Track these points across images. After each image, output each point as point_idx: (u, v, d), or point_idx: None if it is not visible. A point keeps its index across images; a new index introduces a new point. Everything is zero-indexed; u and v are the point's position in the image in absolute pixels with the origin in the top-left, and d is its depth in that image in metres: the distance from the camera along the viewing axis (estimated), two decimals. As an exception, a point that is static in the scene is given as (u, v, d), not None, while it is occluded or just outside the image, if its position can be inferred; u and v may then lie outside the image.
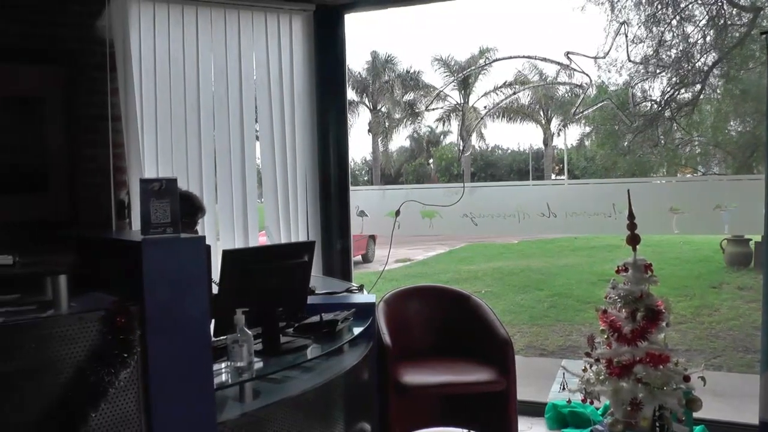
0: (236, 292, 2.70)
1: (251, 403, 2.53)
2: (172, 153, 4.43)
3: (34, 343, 1.99)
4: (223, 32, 4.56)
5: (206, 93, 4.54)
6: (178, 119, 4.44)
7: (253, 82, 4.71)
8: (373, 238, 14.48)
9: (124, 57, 4.25)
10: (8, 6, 4.10)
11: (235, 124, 4.61)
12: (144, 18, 4.37)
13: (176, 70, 4.44)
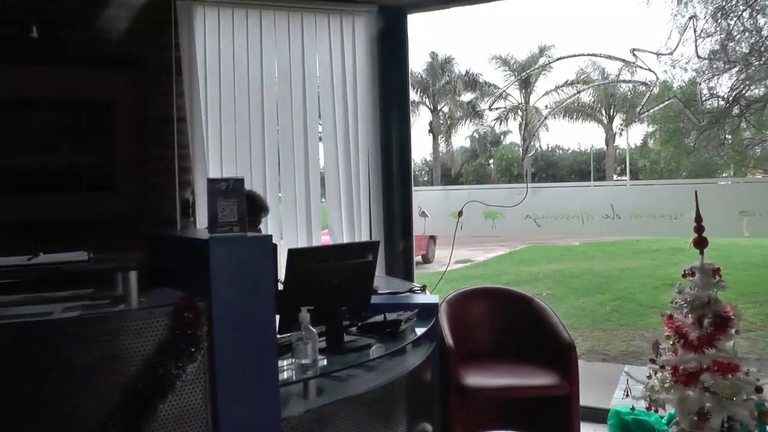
0: (301, 291, 2.72)
1: (315, 401, 2.56)
2: (236, 153, 4.51)
3: (107, 336, 2.05)
4: (287, 35, 4.62)
5: (270, 95, 4.61)
6: (242, 120, 4.52)
7: (317, 84, 4.76)
8: (433, 238, 14.44)
9: (190, 61, 4.37)
10: (82, 14, 4.28)
11: (298, 125, 4.66)
12: (209, 22, 4.48)
13: (241, 72, 4.52)
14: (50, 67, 4.24)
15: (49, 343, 2.02)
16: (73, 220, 4.23)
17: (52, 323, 2.05)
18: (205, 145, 4.41)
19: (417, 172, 32.66)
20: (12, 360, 2.00)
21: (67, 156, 4.28)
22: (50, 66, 4.24)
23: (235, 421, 2.21)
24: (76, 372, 2.02)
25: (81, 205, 4.27)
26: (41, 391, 2.01)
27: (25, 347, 2.02)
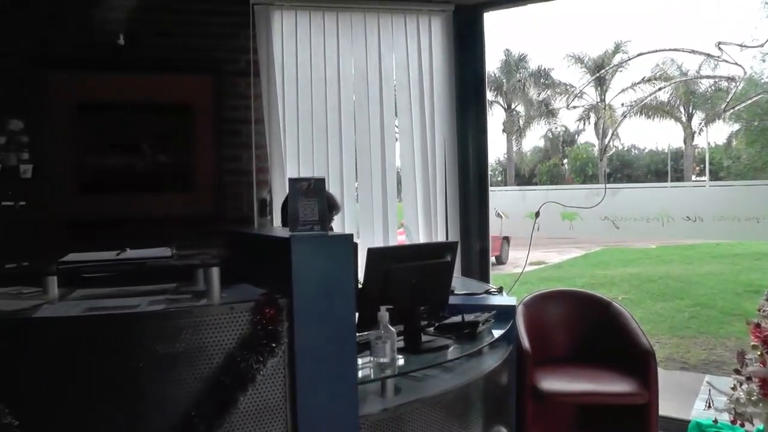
0: (379, 290, 2.73)
1: (392, 399, 2.56)
2: (313, 153, 4.57)
3: (190, 329, 2.12)
4: (363, 36, 4.66)
5: (347, 95, 4.66)
6: (319, 121, 4.58)
7: (393, 84, 4.77)
8: (507, 239, 14.28)
9: (268, 63, 4.47)
10: (162, 22, 4.44)
11: (375, 125, 4.68)
12: (286, 25, 4.56)
13: (317, 73, 4.59)
14: (134, 72, 4.46)
15: (135, 335, 2.11)
16: (156, 218, 4.40)
17: (138, 316, 2.14)
18: (283, 146, 4.49)
19: (491, 172, 32.27)
20: (101, 350, 2.10)
21: (150, 157, 4.47)
22: (134, 72, 4.46)
23: (313, 416, 2.23)
24: (161, 363, 2.10)
25: (163, 204, 4.45)
26: (128, 380, 2.09)
27: (113, 338, 2.11)
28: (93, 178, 4.47)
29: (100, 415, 2.09)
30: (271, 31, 4.49)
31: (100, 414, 2.09)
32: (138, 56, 4.43)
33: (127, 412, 2.10)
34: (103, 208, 4.43)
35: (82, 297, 2.58)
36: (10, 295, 2.63)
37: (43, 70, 4.38)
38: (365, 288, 2.72)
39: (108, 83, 4.45)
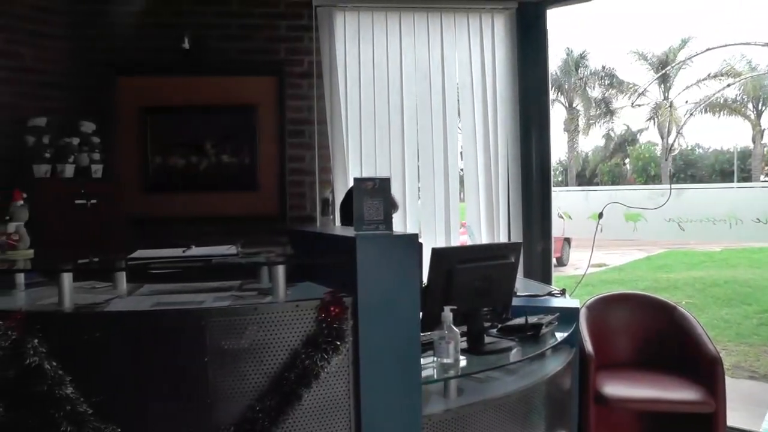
0: (443, 290, 2.72)
1: (455, 400, 2.54)
2: (375, 153, 4.61)
3: (255, 325, 2.16)
4: (426, 35, 4.67)
5: (409, 95, 4.69)
6: (381, 121, 4.62)
7: (456, 83, 4.77)
8: (567, 240, 14.05)
9: (330, 64, 4.52)
10: (227, 25, 4.57)
11: (437, 125, 4.69)
12: (349, 26, 4.61)
13: (380, 74, 4.63)
14: (199, 75, 4.60)
15: (201, 330, 2.14)
16: (220, 217, 4.50)
17: (204, 311, 2.18)
18: (345, 146, 4.53)
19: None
20: (169, 343, 2.16)
21: (214, 157, 4.58)
22: (199, 74, 4.60)
23: (377, 414, 2.24)
24: (226, 358, 2.15)
25: (227, 203, 4.56)
26: (194, 374, 2.15)
27: (180, 332, 2.16)
28: (159, 178, 4.62)
29: (168, 406, 2.15)
30: (334, 33, 4.54)
31: (167, 405, 2.15)
32: (203, 59, 4.56)
33: (193, 404, 2.15)
34: (168, 206, 4.58)
35: (150, 292, 2.66)
36: (84, 289, 2.73)
37: (113, 74, 4.55)
38: (429, 288, 2.72)
39: (174, 86, 4.61)
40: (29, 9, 4.49)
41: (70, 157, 4.26)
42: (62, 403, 2.09)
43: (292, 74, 4.67)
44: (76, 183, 4.24)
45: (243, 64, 4.66)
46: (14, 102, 4.44)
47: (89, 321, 2.21)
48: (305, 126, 4.70)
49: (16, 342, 2.13)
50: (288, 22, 4.65)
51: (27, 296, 2.74)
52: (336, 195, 4.53)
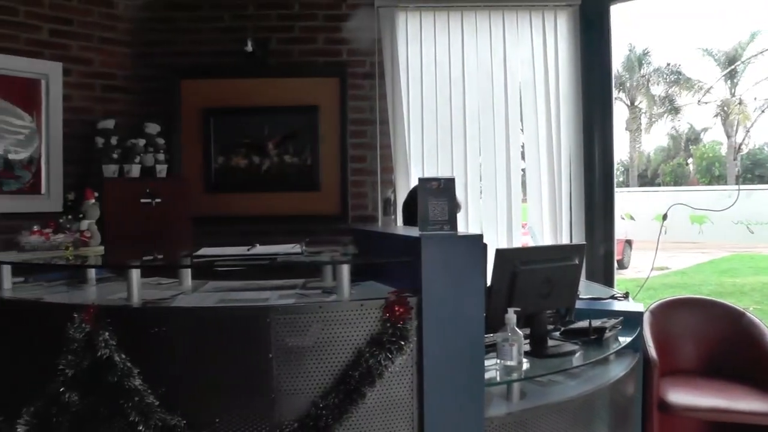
0: (507, 291, 2.69)
1: (518, 403, 2.51)
2: (437, 153, 4.61)
3: (319, 323, 2.18)
4: (488, 34, 4.64)
5: (471, 94, 4.67)
6: (443, 120, 4.62)
7: (518, 82, 4.72)
8: (629, 242, 13.71)
9: (392, 64, 4.55)
10: (289, 27, 4.64)
11: (499, 124, 4.66)
12: (411, 26, 4.62)
13: (442, 73, 4.63)
14: (261, 77, 4.71)
15: (266, 327, 2.18)
16: (283, 216, 4.57)
17: (270, 308, 2.21)
18: (407, 146, 4.53)
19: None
20: (234, 339, 2.20)
21: (276, 158, 4.65)
22: (261, 76, 4.71)
23: (440, 415, 2.23)
24: (290, 354, 2.17)
25: (289, 202, 4.63)
26: (258, 370, 2.18)
27: (245, 329, 2.20)
28: (221, 178, 4.73)
29: (231, 401, 2.19)
30: (396, 33, 4.56)
31: (231, 400, 2.19)
32: (265, 61, 4.64)
33: (257, 399, 2.18)
34: (230, 206, 4.68)
35: (214, 289, 2.71)
36: (150, 284, 2.80)
37: (177, 78, 4.68)
38: (492, 289, 2.69)
39: (236, 88, 4.72)
40: (99, 17, 4.68)
41: (136, 158, 4.39)
42: (131, 394, 2.16)
43: (354, 75, 4.72)
44: (142, 183, 4.35)
45: (305, 65, 4.72)
46: (85, 105, 4.63)
47: (156, 315, 2.28)
48: (367, 126, 4.73)
49: (89, 334, 2.22)
50: (350, 23, 4.70)
51: (98, 291, 2.83)
52: (397, 195, 4.54)
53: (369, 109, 4.71)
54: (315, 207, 4.68)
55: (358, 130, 4.74)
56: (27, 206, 4.28)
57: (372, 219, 4.65)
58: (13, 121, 4.26)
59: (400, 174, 4.55)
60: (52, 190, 4.41)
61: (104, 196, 3.91)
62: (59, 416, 2.28)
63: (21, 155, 4.30)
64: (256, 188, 4.75)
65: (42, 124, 4.37)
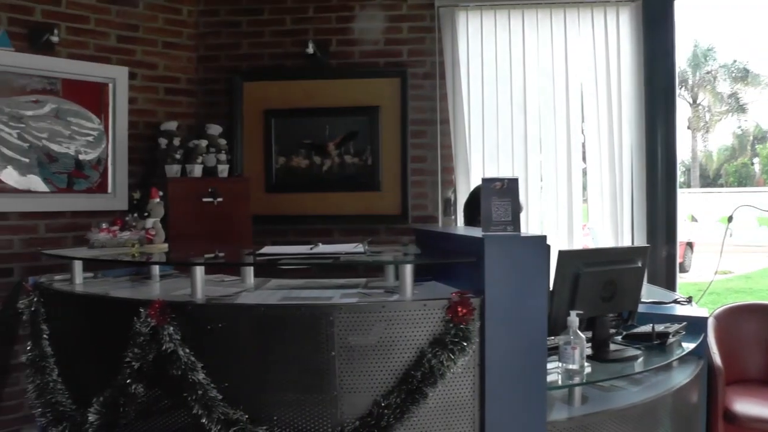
0: (569, 293, 2.65)
1: (579, 408, 2.47)
2: (497, 152, 4.58)
3: (382, 323, 2.19)
4: (549, 32, 4.61)
5: (532, 93, 4.63)
6: (504, 120, 4.60)
7: (579, 80, 4.67)
8: (690, 245, 13.32)
9: (453, 64, 4.55)
10: (350, 28, 4.69)
11: (560, 123, 4.62)
12: (471, 25, 4.61)
13: (502, 72, 4.61)
14: (322, 78, 4.82)
15: (329, 325, 2.20)
16: (343, 216, 4.71)
17: (333, 306, 2.23)
18: (467, 145, 4.52)
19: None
20: (296, 337, 2.23)
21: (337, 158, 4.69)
22: (322, 77, 4.82)
23: (501, 418, 2.22)
24: (353, 353, 2.19)
25: (350, 202, 4.68)
26: (320, 368, 2.20)
27: (308, 327, 2.22)
28: (282, 178, 4.80)
29: (293, 397, 2.22)
30: (457, 33, 4.56)
31: (293, 396, 2.22)
32: (326, 63, 4.70)
33: (319, 397, 2.20)
34: (290, 205, 4.77)
35: (276, 287, 2.75)
36: (213, 282, 2.85)
37: (239, 80, 4.79)
38: (554, 291, 2.66)
39: (297, 89, 4.82)
40: (164, 23, 4.84)
41: (198, 158, 4.49)
42: (194, 388, 2.22)
43: (415, 75, 4.74)
44: (204, 182, 4.44)
45: (366, 66, 4.78)
46: (149, 108, 4.79)
47: (220, 312, 2.32)
48: (427, 126, 4.75)
49: (155, 329, 2.27)
50: (410, 23, 4.72)
51: (162, 287, 2.91)
52: (458, 195, 4.54)
53: (430, 109, 4.72)
54: (375, 207, 4.72)
55: (419, 130, 4.76)
56: (95, 204, 4.45)
57: (432, 219, 4.66)
58: (83, 123, 4.41)
59: (460, 174, 4.54)
60: (117, 189, 4.55)
61: (167, 195, 4.00)
62: (126, 406, 2.37)
63: (90, 156, 4.45)
64: (316, 188, 4.82)
65: (109, 126, 4.52)
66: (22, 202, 4.20)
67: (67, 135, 4.34)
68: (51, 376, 2.73)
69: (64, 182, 4.36)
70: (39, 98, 4.23)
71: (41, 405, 2.72)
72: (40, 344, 2.78)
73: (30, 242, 4.23)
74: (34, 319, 2.81)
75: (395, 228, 4.71)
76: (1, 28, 4.09)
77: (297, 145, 4.86)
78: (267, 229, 4.73)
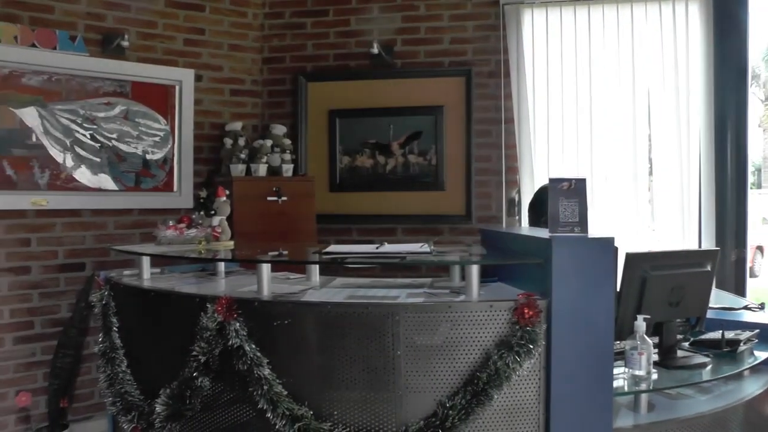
0: (635, 297, 2.60)
1: (645, 416, 2.41)
2: (563, 152, 4.53)
3: (448, 323, 2.18)
4: (615, 28, 4.53)
5: (597, 92, 4.55)
6: (569, 119, 4.53)
7: (646, 78, 4.56)
8: (760, 249, 12.86)
9: (518, 62, 4.51)
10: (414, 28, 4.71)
11: (626, 122, 4.52)
12: (536, 23, 4.56)
13: (568, 70, 4.54)
14: (386, 78, 4.87)
15: (395, 324, 2.20)
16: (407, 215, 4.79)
17: (400, 306, 2.24)
18: (532, 145, 4.47)
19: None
20: (362, 336, 2.24)
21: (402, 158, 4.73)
22: (386, 77, 4.87)
23: (566, 422, 2.18)
24: (418, 352, 2.19)
25: (414, 202, 4.73)
26: (386, 366, 2.21)
27: (374, 325, 2.23)
28: (346, 177, 4.86)
29: (358, 395, 2.24)
30: (521, 30, 4.52)
31: (357, 394, 2.24)
32: (391, 63, 4.73)
33: (384, 396, 2.21)
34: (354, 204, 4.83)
35: (342, 285, 2.77)
36: (278, 279, 2.90)
37: (303, 81, 4.86)
38: (621, 294, 2.60)
39: (361, 89, 4.89)
40: (229, 26, 4.96)
41: (262, 158, 4.57)
42: (260, 383, 2.25)
43: (479, 74, 4.73)
44: (269, 181, 4.52)
45: (430, 66, 4.80)
46: (214, 109, 4.91)
47: (286, 309, 2.34)
48: (492, 126, 4.73)
49: (221, 324, 2.33)
50: (475, 22, 4.71)
51: (227, 283, 2.96)
52: (522, 195, 4.50)
53: (494, 108, 4.70)
54: (439, 207, 4.74)
55: (483, 129, 4.74)
56: (161, 203, 4.58)
57: (495, 220, 4.63)
58: (150, 124, 4.54)
59: (524, 174, 4.51)
60: (183, 187, 4.66)
61: (232, 194, 4.09)
62: (192, 398, 2.43)
63: (157, 156, 4.57)
64: (380, 188, 4.86)
65: (175, 127, 4.65)
66: (93, 200, 4.37)
67: (135, 135, 4.48)
68: (120, 367, 2.83)
69: (132, 181, 4.50)
70: (110, 100, 4.38)
71: (111, 394, 2.82)
72: (111, 336, 2.88)
73: (100, 238, 4.40)
74: (105, 312, 2.91)
75: (459, 228, 4.71)
76: (78, 35, 4.25)
77: (361, 144, 4.92)
78: (330, 228, 4.80)
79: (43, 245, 4.25)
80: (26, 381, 4.18)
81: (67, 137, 4.24)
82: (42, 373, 4.22)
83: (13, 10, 4.08)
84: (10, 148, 4.07)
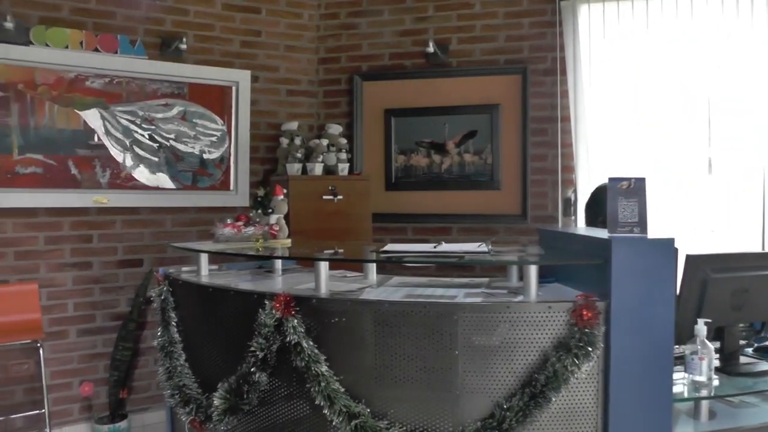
0: (696, 300, 2.54)
1: (706, 423, 2.39)
2: (620, 151, 4.46)
3: (506, 323, 2.16)
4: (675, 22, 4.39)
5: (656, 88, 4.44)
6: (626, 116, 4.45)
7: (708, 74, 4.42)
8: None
9: (575, 59, 4.44)
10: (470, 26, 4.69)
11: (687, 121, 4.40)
12: (593, 18, 4.49)
13: (627, 67, 4.44)
14: (442, 77, 4.88)
15: (453, 324, 2.20)
16: (462, 215, 4.80)
17: (458, 305, 2.23)
18: (588, 144, 4.41)
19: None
20: (420, 335, 2.24)
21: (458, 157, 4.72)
22: (442, 77, 4.89)
23: (625, 428, 2.14)
24: (476, 353, 2.18)
25: (469, 201, 4.75)
26: (443, 365, 2.21)
27: (432, 325, 2.23)
28: (401, 176, 4.88)
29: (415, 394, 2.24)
30: (578, 26, 4.45)
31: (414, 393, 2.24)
32: (446, 62, 4.74)
33: (441, 395, 2.21)
34: (409, 203, 4.84)
35: (399, 284, 2.78)
36: (335, 277, 2.92)
37: (359, 81, 4.90)
38: (681, 297, 2.55)
39: (417, 88, 4.90)
40: (285, 27, 5.04)
41: (318, 157, 4.62)
42: (317, 379, 2.28)
43: (535, 72, 4.70)
44: (325, 180, 4.57)
45: (486, 64, 4.78)
46: (270, 109, 5.01)
47: (344, 306, 2.35)
48: (548, 124, 4.69)
49: (279, 321, 2.36)
50: (531, 19, 4.68)
51: (284, 280, 3.00)
52: (578, 195, 4.43)
53: (550, 107, 4.66)
54: (495, 206, 4.72)
55: (539, 128, 4.71)
56: (218, 201, 4.67)
57: (551, 219, 4.59)
58: (208, 124, 4.63)
59: (581, 174, 4.44)
60: (239, 186, 4.75)
61: (289, 192, 4.14)
62: (249, 393, 2.47)
63: (213, 155, 4.67)
64: (435, 187, 4.87)
65: (232, 127, 4.73)
66: (151, 198, 4.49)
67: (192, 135, 4.58)
68: (179, 361, 2.90)
69: (189, 180, 4.60)
70: (168, 101, 4.49)
71: (170, 387, 2.89)
72: (169, 331, 2.95)
73: (158, 235, 4.52)
74: (164, 307, 2.98)
75: (514, 228, 4.69)
76: (138, 39, 4.38)
77: (416, 143, 4.93)
78: (385, 226, 4.84)
79: (104, 242, 4.40)
80: (89, 372, 4.34)
81: (127, 137, 4.37)
82: (103, 365, 4.37)
83: (79, 17, 4.24)
84: (75, 149, 4.23)
